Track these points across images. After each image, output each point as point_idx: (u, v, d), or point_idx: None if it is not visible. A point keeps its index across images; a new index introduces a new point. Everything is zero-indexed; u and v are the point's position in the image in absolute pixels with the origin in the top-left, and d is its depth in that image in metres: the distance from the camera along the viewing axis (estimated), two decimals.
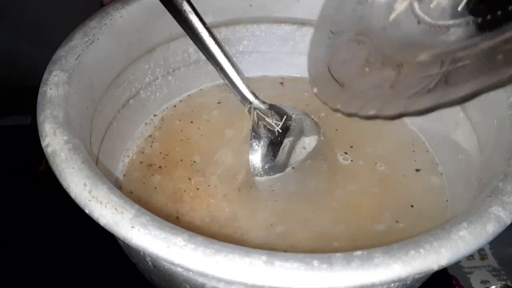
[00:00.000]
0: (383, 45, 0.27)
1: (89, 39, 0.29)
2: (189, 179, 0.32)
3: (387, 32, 0.27)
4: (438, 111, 0.34)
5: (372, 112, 0.23)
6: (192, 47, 0.37)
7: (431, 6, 0.25)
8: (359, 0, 0.30)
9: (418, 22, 0.26)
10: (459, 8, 0.24)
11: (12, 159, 0.42)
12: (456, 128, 0.33)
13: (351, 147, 0.35)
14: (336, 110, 0.26)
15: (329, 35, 0.32)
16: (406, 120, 0.37)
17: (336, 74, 0.28)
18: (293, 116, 0.34)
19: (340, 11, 0.31)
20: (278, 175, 0.32)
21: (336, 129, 0.36)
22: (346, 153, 0.34)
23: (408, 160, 0.34)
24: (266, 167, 0.32)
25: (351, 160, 0.34)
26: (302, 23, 0.39)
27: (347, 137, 0.36)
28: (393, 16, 0.27)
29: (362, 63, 0.27)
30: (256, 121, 0.33)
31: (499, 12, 0.23)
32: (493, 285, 0.35)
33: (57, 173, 0.22)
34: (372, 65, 0.26)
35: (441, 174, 0.34)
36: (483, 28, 0.24)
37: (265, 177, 0.32)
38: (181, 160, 0.33)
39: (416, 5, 0.26)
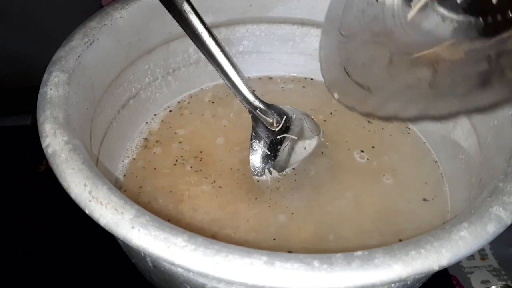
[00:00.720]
0: (405, 44, 0.26)
1: (89, 39, 0.29)
2: (189, 179, 0.32)
3: (407, 31, 0.27)
4: None
5: (414, 113, 0.22)
6: (192, 47, 0.37)
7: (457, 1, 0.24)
8: (369, 1, 0.30)
9: (443, 19, 0.25)
10: (458, 1, 0.24)
11: (12, 160, 0.42)
12: (455, 128, 0.33)
13: (349, 149, 0.35)
14: (369, 115, 0.25)
15: (339, 38, 0.31)
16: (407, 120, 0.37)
17: (358, 78, 0.27)
18: (293, 116, 0.34)
19: (348, 13, 0.31)
20: (278, 175, 0.32)
21: (330, 128, 0.36)
22: (346, 153, 0.34)
23: (408, 160, 0.34)
24: (266, 167, 0.32)
25: (351, 160, 0.34)
26: (302, 23, 0.39)
27: (347, 137, 0.36)
28: (411, 14, 0.27)
29: (385, 65, 0.26)
30: (256, 121, 0.33)
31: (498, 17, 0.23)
32: (494, 285, 0.35)
33: (57, 173, 0.22)
34: (398, 66, 0.25)
35: (441, 174, 0.34)
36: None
37: (265, 177, 0.32)
38: (182, 160, 0.33)
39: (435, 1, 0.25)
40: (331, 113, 0.38)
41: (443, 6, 0.26)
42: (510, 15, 0.22)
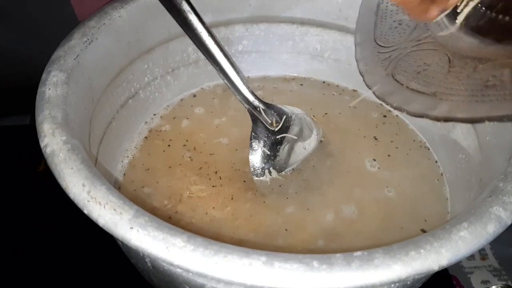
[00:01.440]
0: (463, 47, 0.26)
1: (88, 39, 0.29)
2: (189, 179, 0.32)
3: (459, 35, 0.26)
4: None
5: (505, 113, 0.22)
6: (191, 47, 0.37)
7: None
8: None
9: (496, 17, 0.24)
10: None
11: (12, 159, 0.42)
12: (455, 127, 0.33)
13: (347, 148, 0.35)
14: (446, 119, 0.24)
15: (378, 49, 0.31)
16: (406, 120, 0.37)
17: (416, 86, 0.26)
18: (293, 116, 0.34)
19: (382, 25, 0.31)
20: (278, 175, 0.32)
21: (330, 128, 0.36)
22: (346, 152, 0.34)
23: (409, 160, 0.34)
24: (265, 167, 0.32)
25: (351, 160, 0.34)
26: (301, 22, 0.39)
27: (346, 135, 0.36)
28: (460, 18, 0.27)
29: (446, 69, 0.26)
30: (256, 121, 0.33)
31: None
32: (494, 285, 0.35)
33: (56, 173, 0.22)
34: (463, 68, 0.25)
35: (441, 174, 0.34)
36: None
37: (265, 177, 0.32)
38: (181, 160, 0.33)
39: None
40: (331, 117, 0.38)
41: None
42: None
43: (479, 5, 0.26)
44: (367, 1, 0.33)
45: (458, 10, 0.26)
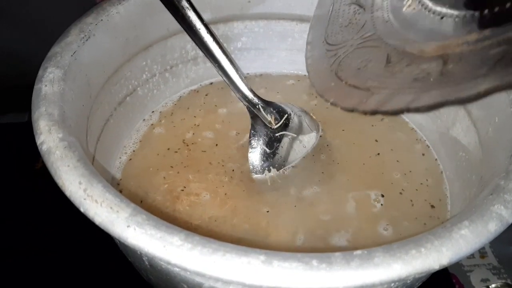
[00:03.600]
0: (402, 44, 0.27)
1: (85, 35, 0.29)
2: (187, 176, 0.32)
3: (401, 32, 0.27)
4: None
5: (429, 102, 0.23)
6: (190, 44, 0.37)
7: None
8: (356, 11, 0.30)
9: (442, 17, 0.26)
10: None
11: (9, 157, 0.41)
12: (454, 125, 0.32)
13: (347, 146, 0.35)
14: (373, 112, 0.25)
15: (326, 47, 0.32)
16: (406, 118, 0.37)
17: (354, 82, 0.28)
18: (292, 113, 0.33)
19: (333, 25, 0.32)
20: (277, 173, 0.32)
21: (329, 125, 0.36)
22: (346, 150, 0.34)
23: (408, 158, 0.34)
24: (265, 165, 0.32)
25: (351, 157, 0.34)
26: (301, 19, 0.39)
27: (346, 133, 0.35)
28: (405, 14, 0.28)
29: (383, 65, 0.27)
30: (255, 118, 0.33)
31: (496, 9, 0.23)
32: (493, 283, 0.35)
33: (52, 171, 0.21)
34: (398, 64, 0.26)
35: (442, 172, 0.33)
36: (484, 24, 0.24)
37: (264, 175, 0.32)
38: (179, 157, 0.33)
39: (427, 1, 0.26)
40: (330, 114, 0.37)
41: (440, 5, 0.26)
42: (507, 6, 0.22)
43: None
44: (322, 1, 0.34)
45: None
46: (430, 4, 0.27)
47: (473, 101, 0.26)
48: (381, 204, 0.31)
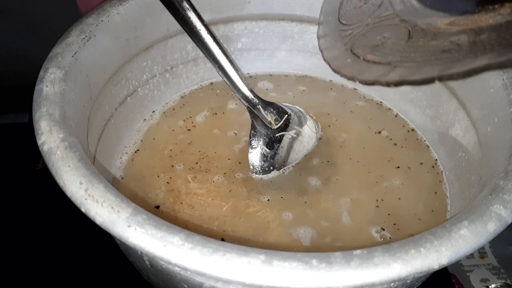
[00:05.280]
0: (426, 22, 0.27)
1: (86, 36, 0.29)
2: (188, 176, 0.32)
3: (422, 11, 0.27)
4: (436, 108, 0.34)
5: (461, 70, 0.23)
6: (190, 45, 0.37)
7: None
8: None
9: None
10: None
11: (10, 158, 0.41)
12: (454, 125, 0.32)
13: (347, 146, 0.35)
14: (397, 84, 0.25)
15: (340, 27, 0.31)
16: (406, 118, 0.37)
17: (373, 58, 0.27)
18: (292, 114, 0.34)
19: (347, 4, 0.31)
20: (277, 173, 0.32)
21: (329, 126, 0.36)
22: (346, 151, 0.34)
23: (408, 158, 0.34)
24: (265, 165, 0.32)
25: (350, 158, 0.34)
26: (301, 20, 0.39)
27: (345, 133, 0.35)
28: None
29: (405, 41, 0.27)
30: (255, 119, 0.33)
31: None
32: (493, 283, 0.35)
33: (53, 171, 0.21)
34: (421, 39, 0.26)
35: (441, 172, 0.33)
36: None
37: (264, 175, 0.32)
38: (180, 157, 0.33)
39: None
40: (330, 115, 0.37)
41: None
42: None
43: None
44: None
45: None
46: None
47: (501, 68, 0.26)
48: (381, 204, 0.31)
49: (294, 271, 0.18)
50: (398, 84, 0.25)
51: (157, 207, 0.30)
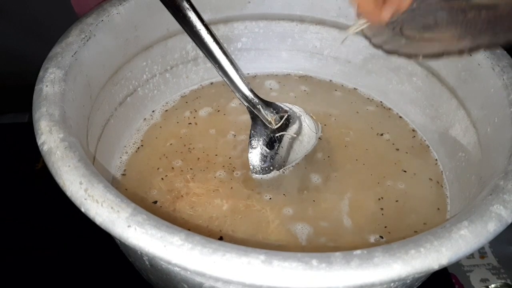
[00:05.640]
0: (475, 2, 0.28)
1: (86, 35, 0.29)
2: (188, 176, 0.32)
3: None
4: (436, 108, 0.34)
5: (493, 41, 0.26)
6: (190, 44, 0.37)
7: None
8: None
9: None
10: None
11: (10, 157, 0.41)
12: (454, 125, 0.32)
13: (346, 146, 0.35)
14: (471, 50, 0.27)
15: None
16: (406, 119, 0.37)
17: (427, 36, 0.29)
18: (292, 114, 0.34)
19: None
20: (277, 173, 0.32)
21: (329, 126, 0.36)
22: (346, 151, 0.34)
23: (409, 158, 0.34)
24: (265, 165, 0.32)
25: (350, 157, 0.34)
26: (301, 20, 0.39)
27: (345, 133, 0.35)
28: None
29: (462, 19, 0.28)
30: (255, 119, 0.33)
31: None
32: (493, 283, 0.35)
33: (53, 171, 0.21)
34: (478, 16, 0.27)
35: (441, 172, 0.33)
36: None
37: (264, 175, 0.32)
38: (179, 157, 0.33)
39: None
40: (330, 115, 0.37)
41: None
42: None
43: None
44: None
45: None
46: None
47: None
48: (381, 204, 0.31)
49: (294, 271, 0.18)
50: (471, 50, 0.27)
51: (155, 202, 0.30)
